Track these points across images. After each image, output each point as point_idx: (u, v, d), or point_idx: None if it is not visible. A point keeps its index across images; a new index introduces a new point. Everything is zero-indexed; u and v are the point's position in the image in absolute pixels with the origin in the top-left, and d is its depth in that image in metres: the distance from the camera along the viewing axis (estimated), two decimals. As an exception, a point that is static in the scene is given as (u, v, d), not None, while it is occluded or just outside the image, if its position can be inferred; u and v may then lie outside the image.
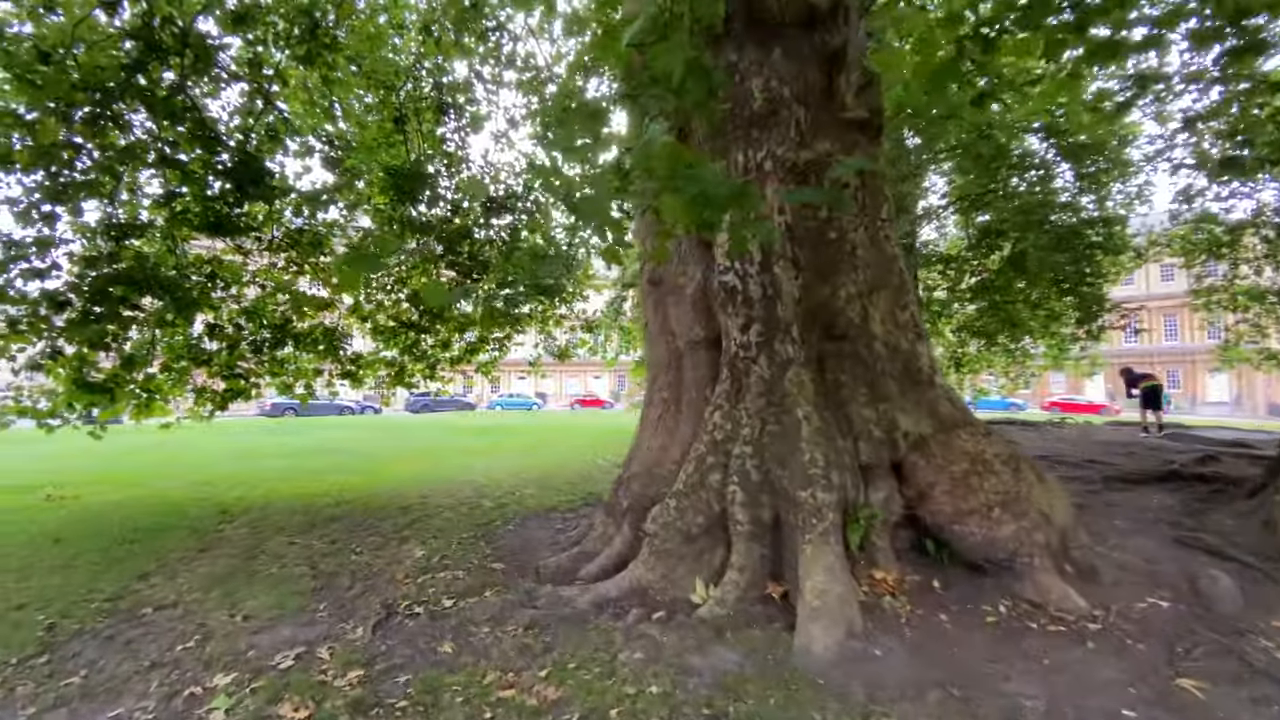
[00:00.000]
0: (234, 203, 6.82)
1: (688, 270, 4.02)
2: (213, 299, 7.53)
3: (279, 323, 8.05)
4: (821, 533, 3.03)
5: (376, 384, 9.18)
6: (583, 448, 12.54)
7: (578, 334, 11.50)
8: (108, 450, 12.66)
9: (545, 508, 6.08)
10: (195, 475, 9.37)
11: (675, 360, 4.15)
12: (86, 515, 6.40)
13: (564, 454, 11.27)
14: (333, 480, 8.65)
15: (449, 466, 9.81)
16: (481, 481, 7.96)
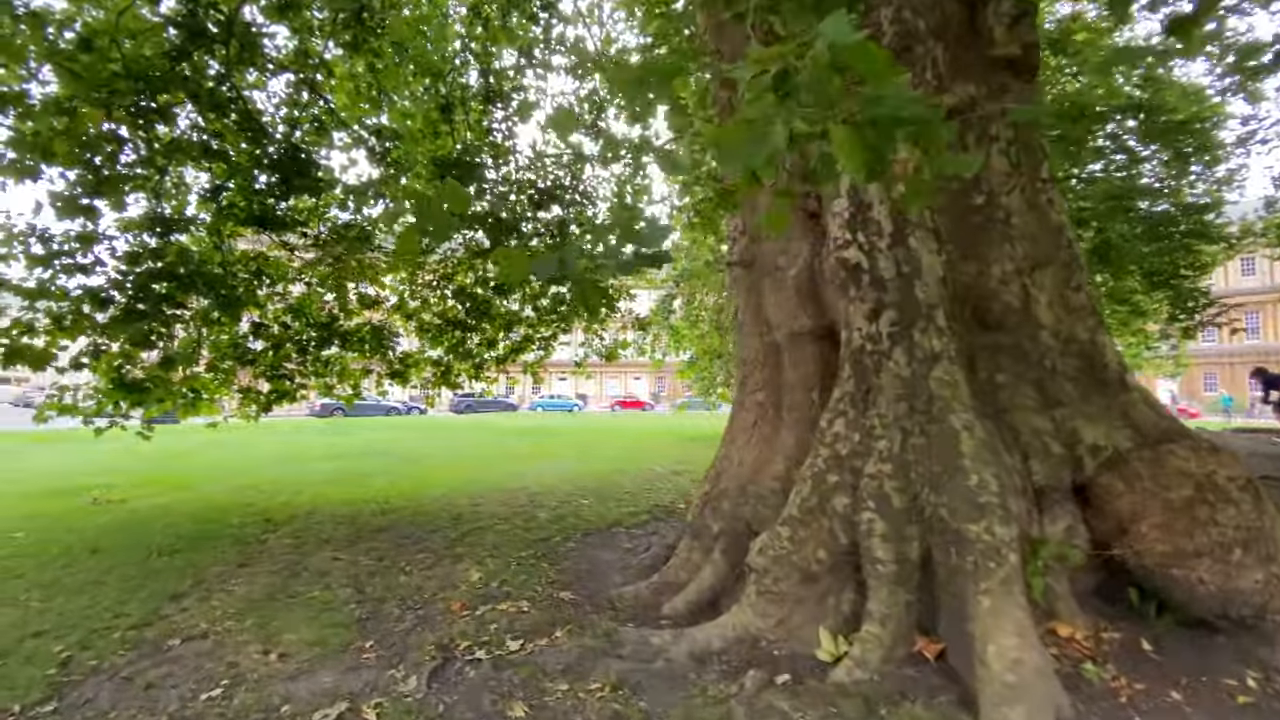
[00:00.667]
0: (279, 196, 6.47)
1: (789, 247, 3.36)
2: (258, 296, 7.25)
3: (325, 321, 7.73)
4: (1003, 580, 2.31)
5: (422, 384, 8.81)
6: (634, 452, 11.95)
7: (626, 333, 10.94)
8: (159, 451, 12.75)
9: (607, 521, 5.47)
10: (242, 479, 9.18)
11: (772, 356, 3.48)
12: (129, 521, 6.14)
13: (615, 458, 10.69)
14: (379, 485, 8.29)
15: (498, 471, 9.35)
16: (534, 489, 7.43)
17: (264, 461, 11.38)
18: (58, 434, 16.30)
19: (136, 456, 12.20)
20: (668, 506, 5.95)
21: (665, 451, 11.90)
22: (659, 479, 7.96)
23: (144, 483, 8.66)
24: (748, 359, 3.55)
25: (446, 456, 11.86)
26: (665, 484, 7.35)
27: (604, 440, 15.46)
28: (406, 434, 17.60)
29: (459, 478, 8.80)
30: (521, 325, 9.21)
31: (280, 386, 7.35)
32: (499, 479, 8.57)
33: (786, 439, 3.34)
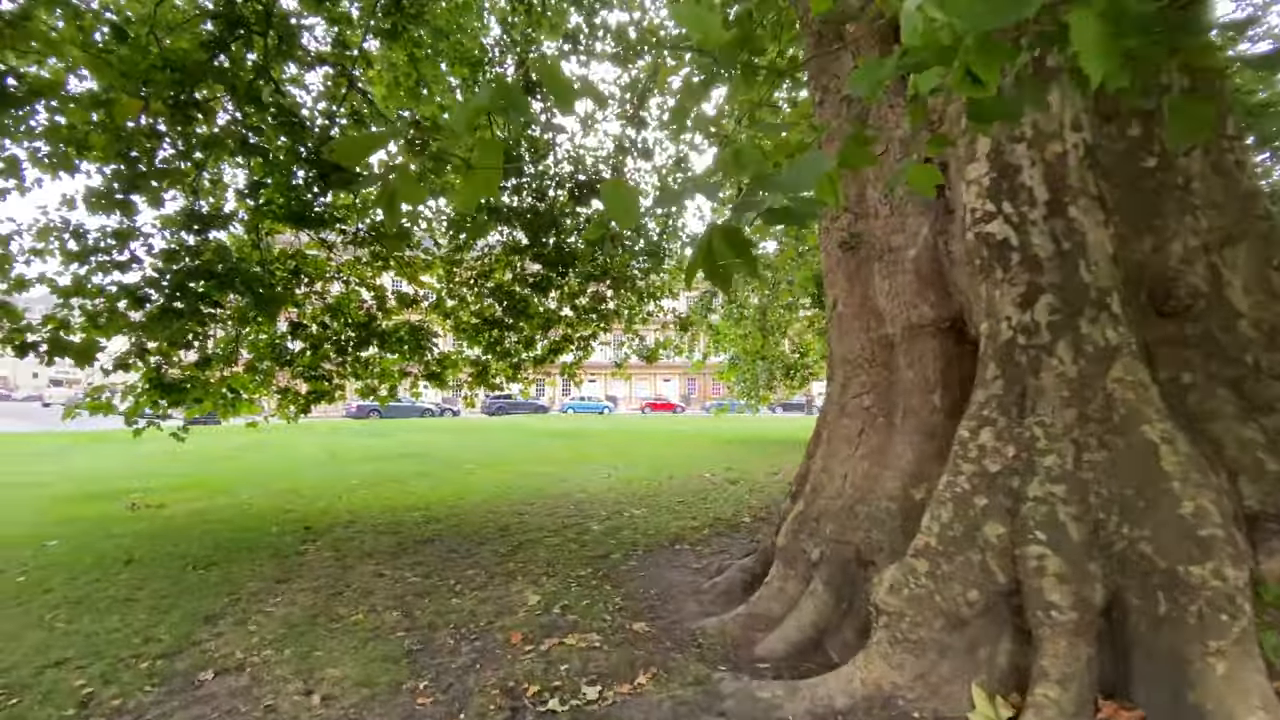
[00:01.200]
0: (318, 192, 6.21)
1: (906, 224, 2.86)
2: (296, 295, 7.02)
3: (363, 320, 7.48)
4: (1238, 637, 1.78)
5: (457, 385, 8.51)
6: (677, 457, 11.48)
7: (667, 333, 10.48)
8: (200, 453, 12.82)
9: (667, 536, 5.01)
10: (282, 482, 9.00)
11: (882, 353, 2.98)
12: (166, 529, 5.92)
13: (658, 464, 10.24)
14: (420, 490, 7.99)
15: (539, 476, 8.99)
16: (579, 496, 7.03)
17: (303, 464, 11.25)
18: (101, 435, 16.61)
19: (177, 458, 12.24)
20: (729, 520, 5.46)
21: (711, 457, 11.41)
22: (711, 488, 7.46)
23: (183, 487, 8.53)
24: (850, 357, 3.06)
25: (484, 459, 11.57)
26: (719, 493, 6.86)
27: (641, 443, 15.03)
28: (442, 436, 17.46)
29: (499, 483, 8.46)
30: (560, 325, 8.85)
31: (319, 387, 7.12)
32: (541, 484, 8.20)
33: (901, 451, 2.84)
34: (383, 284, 8.00)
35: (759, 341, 14.77)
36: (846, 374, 3.07)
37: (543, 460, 11.52)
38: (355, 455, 12.70)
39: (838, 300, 3.11)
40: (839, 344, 3.11)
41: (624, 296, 9.04)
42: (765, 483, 7.40)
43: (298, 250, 7.60)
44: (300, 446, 14.53)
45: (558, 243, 8.13)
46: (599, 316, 8.90)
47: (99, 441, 15.21)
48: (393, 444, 15.22)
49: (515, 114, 1.30)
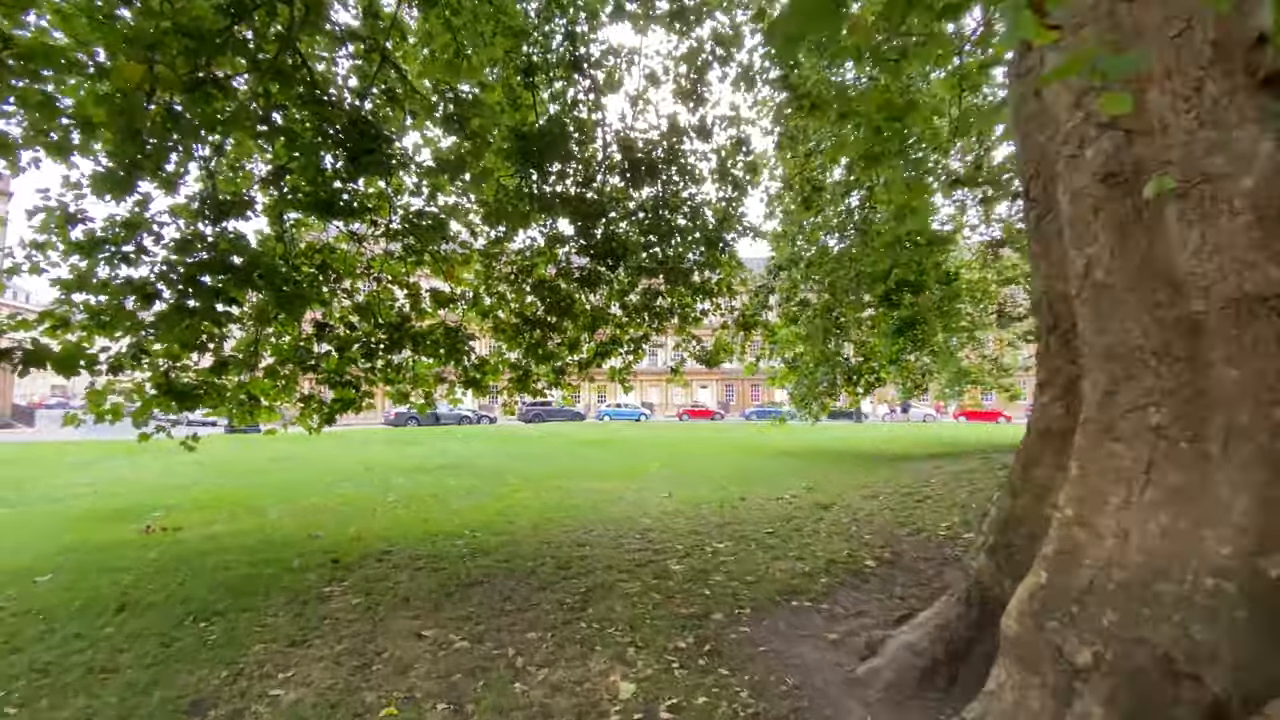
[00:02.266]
0: (347, 178, 5.40)
1: (1234, 139, 1.80)
2: (323, 293, 6.26)
3: (395, 321, 6.69)
4: None
5: (497, 391, 7.66)
6: (736, 470, 10.39)
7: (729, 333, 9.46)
8: (232, 463, 12.31)
9: (773, 584, 3.96)
10: (313, 497, 8.29)
11: (1182, 342, 1.91)
12: (176, 559, 5.17)
13: (720, 478, 9.19)
14: (461, 510, 7.14)
15: (590, 494, 8.05)
16: (644, 522, 6.05)
17: (337, 476, 10.58)
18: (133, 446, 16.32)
19: (212, 469, 11.77)
20: (846, 563, 4.34)
21: (776, 472, 10.29)
22: (799, 513, 6.36)
23: (209, 503, 7.87)
24: (1120, 350, 1.99)
25: (527, 471, 10.72)
26: (813, 522, 5.75)
27: (691, 455, 13.99)
28: (481, 445, 16.75)
29: (548, 501, 7.55)
30: (608, 325, 7.92)
31: (345, 395, 6.34)
32: (594, 504, 7.26)
33: (1229, 496, 1.78)
34: (417, 282, 7.22)
35: (819, 343, 13.59)
36: (1114, 376, 2.00)
37: (589, 473, 10.61)
38: (392, 467, 12.02)
39: (1094, 265, 2.06)
40: (1099, 331, 2.05)
41: (679, 293, 8.04)
42: (866, 509, 6.23)
43: (325, 244, 6.88)
44: (337, 457, 13.96)
45: (606, 233, 7.21)
46: (652, 315, 7.93)
47: (138, 452, 14.93)
48: (431, 454, 14.55)
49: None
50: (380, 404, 7.38)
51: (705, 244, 7.82)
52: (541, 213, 7.21)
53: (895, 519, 5.56)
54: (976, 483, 6.66)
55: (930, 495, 6.33)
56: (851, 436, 20.23)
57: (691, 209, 7.69)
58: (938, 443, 16.56)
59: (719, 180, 8.96)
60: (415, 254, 6.97)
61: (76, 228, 4.76)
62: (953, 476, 7.25)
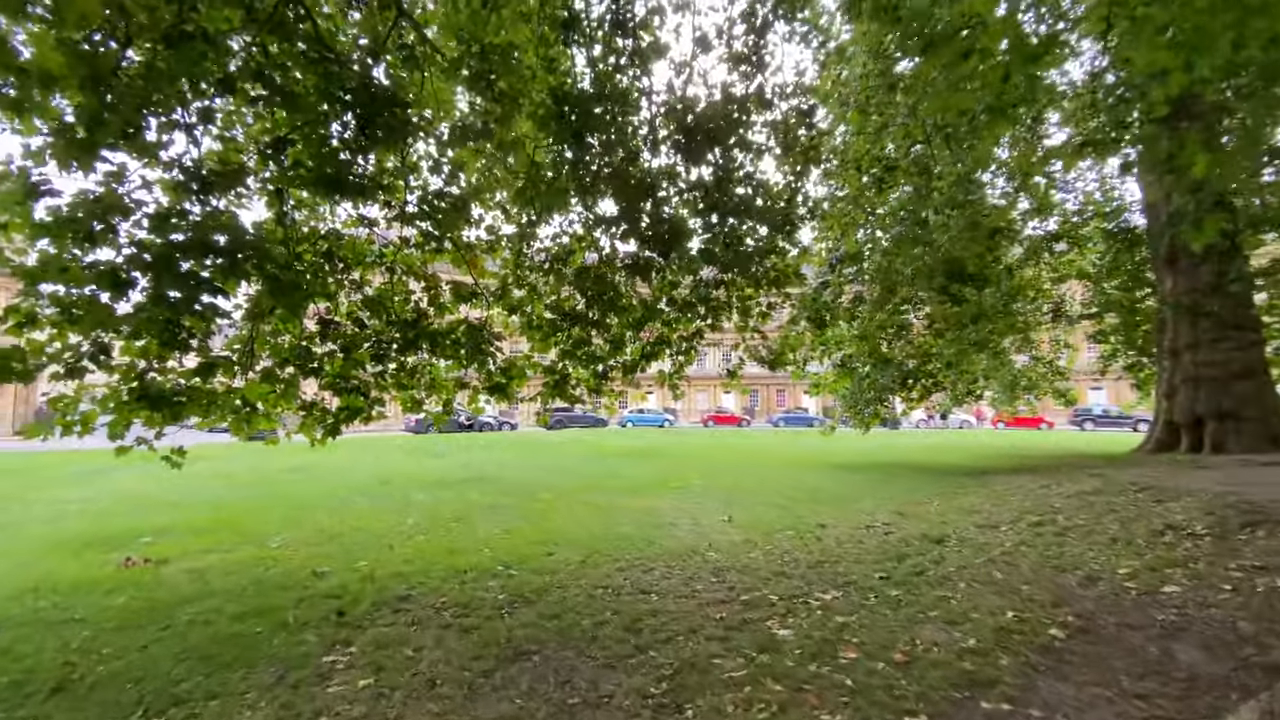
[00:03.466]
0: (358, 149, 4.42)
1: None
2: (328, 285, 5.31)
3: (410, 317, 5.73)
4: None
5: (525, 398, 6.63)
6: (792, 486, 9.17)
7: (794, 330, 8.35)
8: (249, 474, 11.51)
9: (937, 670, 2.78)
10: (324, 519, 7.37)
11: None
12: (146, 610, 4.23)
13: (783, 497, 8.00)
14: (492, 536, 6.11)
15: (636, 515, 6.95)
16: (713, 557, 4.95)
17: (354, 491, 9.68)
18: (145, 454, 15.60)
19: (217, 480, 10.98)
20: (1026, 634, 3.05)
21: (847, 490, 9.02)
22: (911, 550, 5.05)
23: (204, 526, 6.98)
24: None
25: (559, 485, 9.68)
26: (939, 564, 4.47)
27: (733, 466, 12.80)
28: (505, 454, 15.80)
29: (591, 527, 6.47)
30: (655, 322, 6.85)
31: (352, 402, 5.39)
32: (645, 530, 6.17)
33: None
34: (436, 273, 6.27)
35: (875, 343, 12.32)
36: None
37: (626, 487, 9.53)
38: (412, 479, 11.10)
39: None
40: None
41: (739, 283, 6.91)
42: (995, 543, 4.85)
43: (331, 230, 5.95)
44: (354, 468, 13.13)
45: (656, 214, 6.14)
46: (708, 309, 6.83)
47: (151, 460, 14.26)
48: (453, 465, 13.63)
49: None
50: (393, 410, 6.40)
51: (771, 225, 6.65)
52: (581, 192, 6.20)
53: (1044, 559, 4.34)
54: (1117, 507, 5.40)
55: (1069, 525, 5.08)
56: (897, 445, 18.79)
57: (754, 185, 6.51)
58: (1003, 452, 15.08)
59: (782, 155, 7.84)
60: (434, 240, 6.01)
61: (40, 203, 3.86)
62: (1077, 498, 5.98)
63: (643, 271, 6.26)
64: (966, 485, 8.52)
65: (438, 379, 6.06)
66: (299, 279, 4.77)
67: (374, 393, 5.71)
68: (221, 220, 4.11)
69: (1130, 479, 6.76)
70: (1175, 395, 12.21)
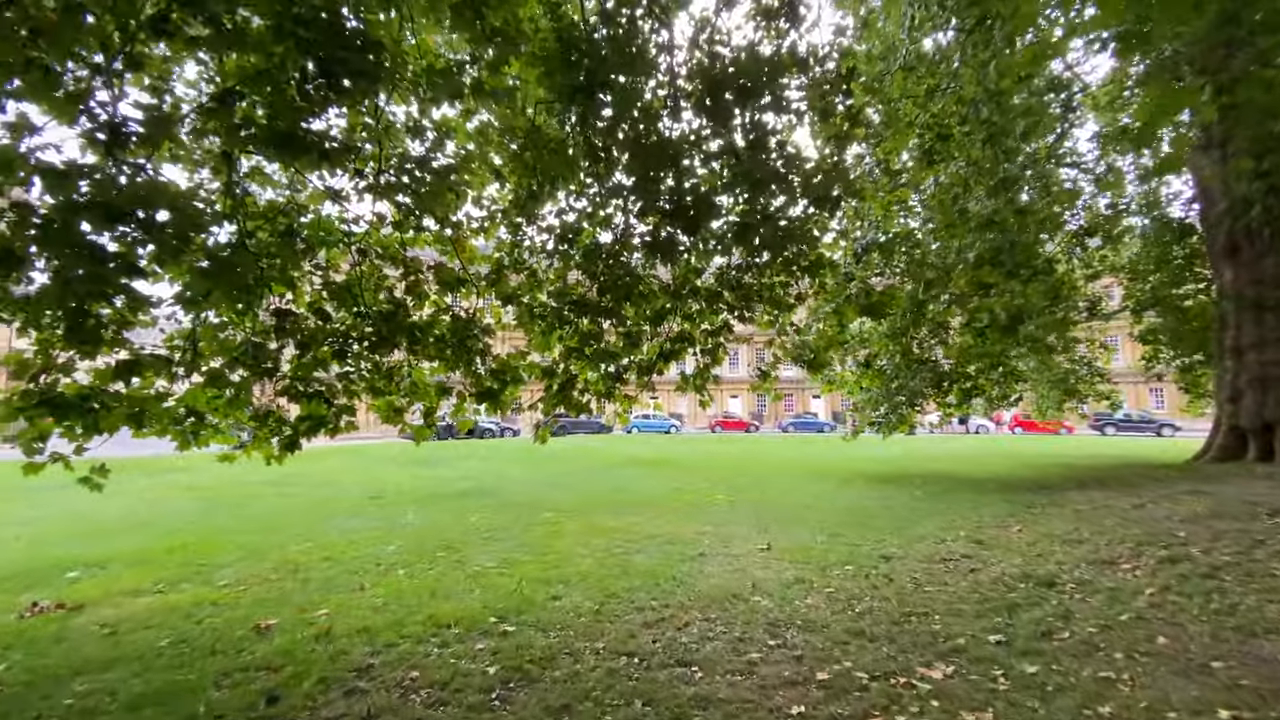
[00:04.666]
0: (321, 101, 3.40)
1: None
2: (288, 270, 4.32)
3: (386, 309, 4.73)
4: None
5: (523, 406, 5.61)
6: (836, 506, 8.06)
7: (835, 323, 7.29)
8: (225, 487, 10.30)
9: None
10: (295, 542, 6.34)
11: None
12: (27, 681, 3.19)
13: (821, 518, 6.89)
14: (486, 575, 5.03)
15: (660, 545, 5.86)
16: (766, 607, 3.86)
17: (336, 509, 8.64)
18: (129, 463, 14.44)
19: (191, 495, 9.94)
20: None
21: (893, 509, 7.92)
22: (1018, 596, 3.88)
23: (151, 557, 5.94)
24: None
25: (564, 502, 8.60)
26: (1064, 619, 3.42)
27: (755, 477, 11.70)
28: (507, 465, 14.71)
29: (604, 559, 5.38)
30: (675, 315, 5.82)
31: (314, 410, 4.39)
32: (671, 564, 5.09)
33: None
34: (417, 258, 5.29)
35: (906, 343, 11.23)
36: None
37: (642, 504, 8.45)
38: (404, 493, 10.06)
39: None
40: None
41: (774, 267, 5.86)
42: (1121, 586, 3.73)
43: (291, 201, 4.99)
44: (345, 481, 12.08)
45: (678, 184, 5.10)
46: (738, 297, 5.79)
47: (129, 471, 13.23)
48: (450, 476, 12.58)
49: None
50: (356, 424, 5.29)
51: (812, 200, 5.52)
52: (591, 159, 5.19)
53: (1212, 616, 3.25)
54: (1260, 537, 4.31)
55: (1215, 564, 3.99)
56: (923, 452, 17.64)
57: (789, 156, 5.39)
58: (1048, 460, 13.93)
59: (820, 122, 6.74)
60: (414, 216, 5.01)
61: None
62: (1198, 523, 4.88)
63: (665, 251, 5.18)
64: (1036, 503, 7.41)
65: (420, 383, 5.03)
66: (243, 260, 3.81)
67: (341, 399, 4.69)
68: (139, 181, 3.17)
69: (1241, 495, 5.69)
70: (1241, 399, 11.12)
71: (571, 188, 5.36)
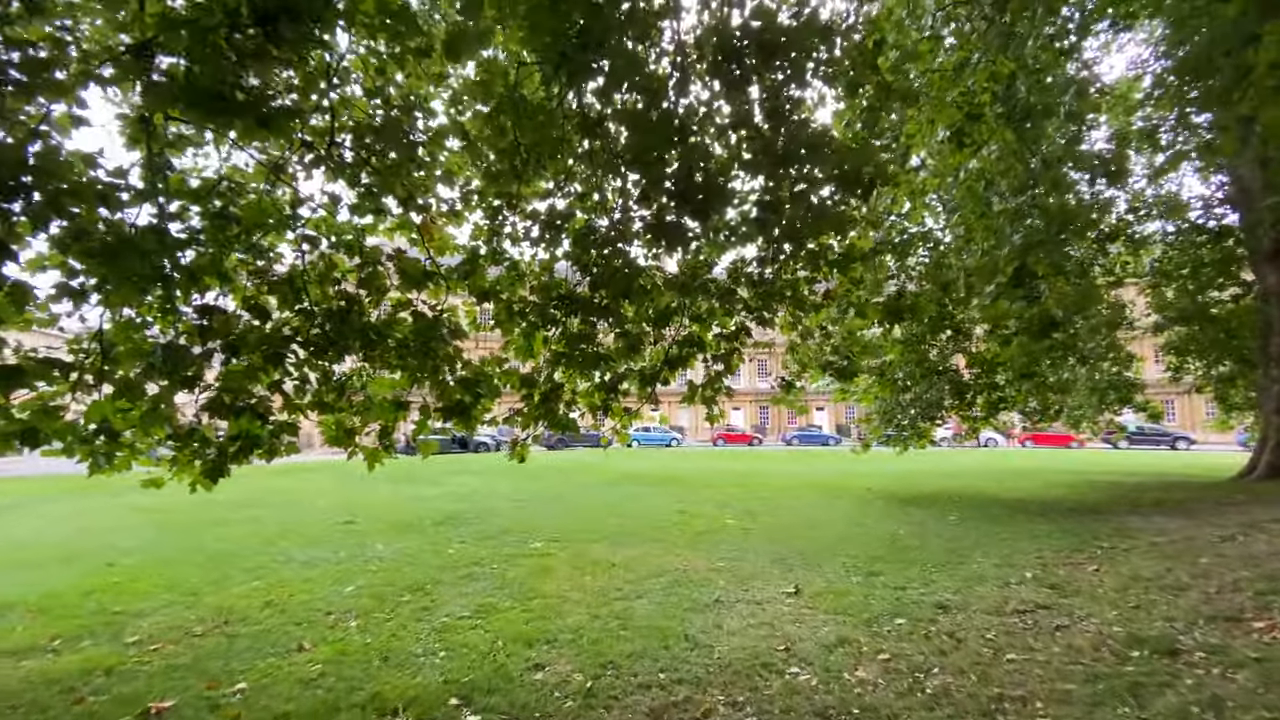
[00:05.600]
0: (259, 51, 2.45)
1: None
2: (220, 261, 3.48)
3: (336, 306, 3.89)
4: None
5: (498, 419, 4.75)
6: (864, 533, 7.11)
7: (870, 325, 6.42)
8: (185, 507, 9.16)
9: None
10: (231, 588, 5.42)
11: None
12: None
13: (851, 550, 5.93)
14: (454, 630, 4.12)
15: (666, 584, 4.94)
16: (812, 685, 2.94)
17: (300, 536, 7.73)
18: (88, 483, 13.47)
19: (148, 520, 9.01)
20: None
21: (926, 539, 7.03)
22: (1131, 665, 2.97)
23: (65, 602, 5.03)
24: None
25: (557, 529, 7.67)
26: (1217, 711, 2.56)
27: (766, 498, 10.75)
28: (498, 482, 13.73)
29: (599, 608, 4.46)
30: (681, 318, 5.00)
31: (248, 427, 3.52)
32: (681, 616, 4.17)
33: None
34: (377, 246, 4.48)
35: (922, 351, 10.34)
36: None
37: (642, 531, 7.54)
38: (381, 518, 9.13)
39: None
40: None
41: (792, 264, 5.01)
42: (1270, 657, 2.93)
43: (228, 179, 4.18)
44: (319, 503, 11.13)
45: (686, 162, 4.26)
46: (758, 296, 4.96)
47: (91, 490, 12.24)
48: (435, 495, 11.64)
49: None
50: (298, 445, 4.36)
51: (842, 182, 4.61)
52: (584, 132, 4.39)
53: None
54: None
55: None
56: (941, 468, 16.69)
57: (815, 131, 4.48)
58: (1079, 477, 13.01)
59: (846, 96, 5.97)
60: (373, 195, 4.21)
61: None
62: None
63: (671, 238, 4.31)
64: (1100, 532, 6.51)
65: (375, 396, 4.17)
66: (149, 243, 3.03)
67: (281, 413, 3.86)
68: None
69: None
70: (1292, 411, 10.28)
71: (561, 160, 4.52)
